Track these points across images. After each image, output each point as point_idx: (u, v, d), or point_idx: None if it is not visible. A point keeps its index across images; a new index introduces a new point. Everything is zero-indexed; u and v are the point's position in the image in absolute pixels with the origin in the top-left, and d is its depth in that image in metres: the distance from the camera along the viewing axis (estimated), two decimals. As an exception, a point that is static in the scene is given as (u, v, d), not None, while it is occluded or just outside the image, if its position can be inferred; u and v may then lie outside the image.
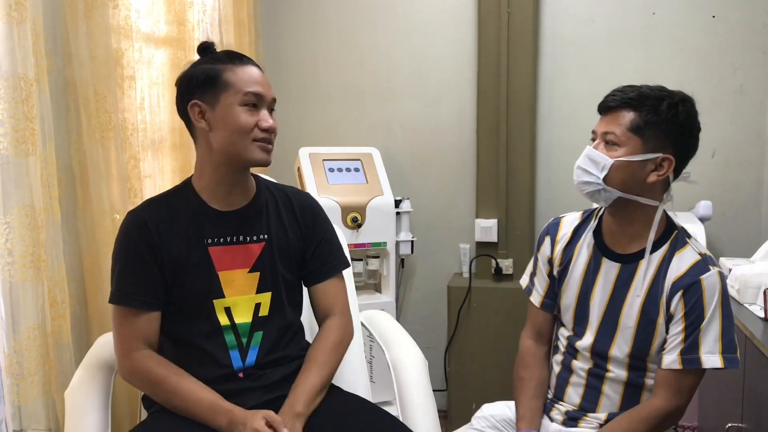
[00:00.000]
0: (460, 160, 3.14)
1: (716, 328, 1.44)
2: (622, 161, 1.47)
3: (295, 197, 1.65)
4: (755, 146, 2.88)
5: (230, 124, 1.45)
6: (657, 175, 1.48)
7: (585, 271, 1.60)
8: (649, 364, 1.53)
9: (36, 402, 1.76)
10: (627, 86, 1.51)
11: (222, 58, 1.49)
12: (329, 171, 2.87)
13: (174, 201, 1.54)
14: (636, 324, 1.51)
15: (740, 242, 2.87)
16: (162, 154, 2.35)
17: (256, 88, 1.47)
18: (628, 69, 2.93)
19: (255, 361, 1.53)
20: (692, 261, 1.48)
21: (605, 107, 1.51)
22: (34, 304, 1.73)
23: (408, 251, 3.02)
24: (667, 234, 1.54)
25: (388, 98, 3.20)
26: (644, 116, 1.46)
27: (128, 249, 1.48)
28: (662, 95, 1.47)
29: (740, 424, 1.85)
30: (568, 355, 1.63)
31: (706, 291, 1.45)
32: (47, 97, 1.75)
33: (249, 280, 1.54)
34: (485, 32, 2.98)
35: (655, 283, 1.50)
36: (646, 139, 1.46)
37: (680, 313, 1.46)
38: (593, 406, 1.58)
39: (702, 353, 1.44)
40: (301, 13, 3.23)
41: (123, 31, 2.08)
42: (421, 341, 1.87)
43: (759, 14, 2.82)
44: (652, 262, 1.52)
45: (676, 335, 1.47)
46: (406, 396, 1.64)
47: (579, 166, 1.52)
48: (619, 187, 1.48)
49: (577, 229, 1.65)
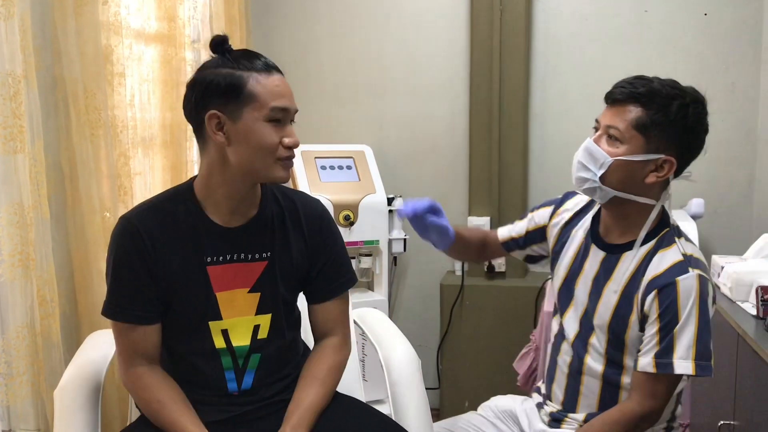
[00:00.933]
0: (452, 158, 3.14)
1: (691, 333, 1.38)
2: (622, 160, 1.42)
3: (303, 206, 1.53)
4: (747, 143, 2.88)
5: (254, 142, 1.33)
6: (656, 176, 1.43)
7: (575, 256, 1.58)
8: (626, 360, 1.49)
9: (25, 402, 1.74)
10: (637, 78, 1.44)
11: (244, 63, 1.34)
12: (321, 169, 2.86)
13: (172, 209, 1.42)
14: (610, 318, 1.48)
15: (733, 240, 2.87)
16: (152, 151, 2.34)
17: (284, 103, 1.35)
18: (621, 66, 2.92)
19: (252, 384, 1.47)
20: (673, 261, 1.43)
21: (612, 98, 1.45)
22: (23, 303, 1.72)
23: (401, 249, 3.01)
24: (658, 230, 1.50)
25: (381, 96, 3.18)
26: (652, 115, 1.40)
27: (120, 260, 1.39)
28: (674, 94, 1.41)
29: (732, 422, 1.85)
30: (555, 346, 1.62)
31: (681, 293, 1.38)
32: (36, 94, 1.73)
33: (249, 301, 1.45)
34: (478, 30, 2.97)
35: (633, 279, 1.46)
36: (650, 138, 1.41)
37: (654, 314, 1.41)
38: (573, 405, 1.57)
39: (675, 358, 1.38)
40: (293, 10, 3.22)
41: (113, 28, 2.06)
42: (414, 339, 1.86)
43: (751, 12, 2.83)
44: (635, 257, 1.47)
45: (651, 337, 1.42)
46: (398, 395, 1.64)
47: (579, 161, 1.47)
48: (616, 187, 1.45)
49: (579, 212, 1.63)
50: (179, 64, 2.41)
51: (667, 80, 1.43)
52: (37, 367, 1.76)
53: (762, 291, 1.80)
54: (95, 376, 1.57)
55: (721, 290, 2.08)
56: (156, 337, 1.43)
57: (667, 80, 1.43)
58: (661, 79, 1.44)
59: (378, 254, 2.90)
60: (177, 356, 1.46)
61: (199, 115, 1.35)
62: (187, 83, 1.39)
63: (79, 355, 1.63)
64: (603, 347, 1.50)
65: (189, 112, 1.39)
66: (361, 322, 1.90)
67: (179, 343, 1.45)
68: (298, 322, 1.59)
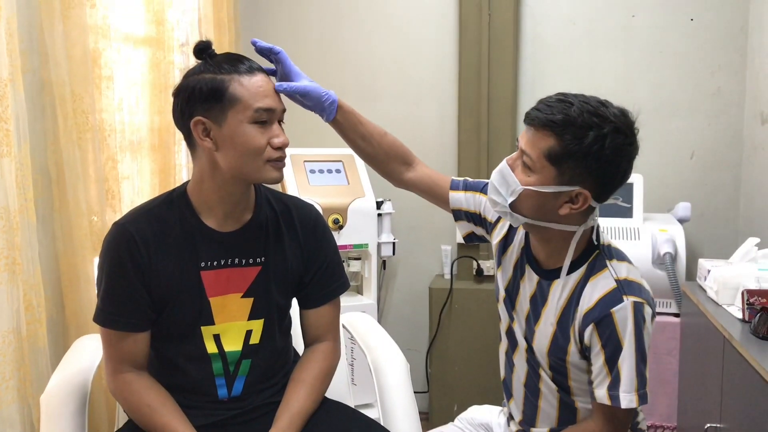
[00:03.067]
0: (441, 161, 3.14)
1: (632, 364, 1.32)
2: (532, 191, 1.33)
3: (298, 211, 1.52)
4: (733, 148, 2.90)
5: (240, 145, 1.32)
6: (570, 207, 1.33)
7: (513, 269, 1.52)
8: (571, 383, 1.43)
9: (11, 407, 1.73)
10: (559, 100, 1.32)
11: (225, 66, 1.33)
12: (310, 172, 2.85)
13: (166, 214, 1.41)
14: (548, 347, 1.43)
15: (719, 243, 2.89)
16: (141, 155, 2.33)
17: (268, 103, 1.34)
18: (608, 71, 2.95)
19: (241, 391, 1.47)
20: (605, 291, 1.35)
21: (528, 120, 1.34)
22: (9, 307, 1.70)
23: (389, 253, 3.01)
24: (587, 254, 1.41)
25: (370, 99, 3.18)
26: (565, 145, 1.28)
27: (113, 268, 1.37)
28: (591, 123, 1.28)
29: (718, 425, 1.86)
30: (508, 360, 1.56)
31: (618, 324, 1.32)
32: (22, 98, 1.72)
33: (241, 306, 1.44)
34: (466, 34, 2.99)
35: (567, 311, 1.40)
36: (563, 170, 1.30)
37: (597, 345, 1.34)
38: (532, 420, 1.52)
39: (620, 391, 1.33)
40: (282, 13, 3.22)
41: (101, 31, 2.05)
42: (403, 343, 1.86)
43: (736, 17, 2.85)
44: (566, 286, 1.40)
45: (599, 368, 1.35)
46: (387, 399, 1.63)
47: (491, 182, 1.41)
48: (528, 215, 1.37)
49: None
50: (168, 67, 2.40)
51: (592, 104, 1.30)
52: (24, 372, 1.75)
53: (748, 294, 1.81)
54: (82, 381, 1.56)
55: (707, 294, 2.09)
56: (145, 345, 1.42)
57: (591, 104, 1.30)
58: (586, 102, 1.31)
59: (367, 258, 2.90)
60: (166, 360, 1.45)
61: (186, 122, 1.35)
62: (173, 92, 1.39)
63: (66, 360, 1.62)
64: (548, 373, 1.46)
65: (177, 120, 1.39)
66: (349, 326, 1.90)
67: (170, 347, 1.44)
68: (289, 329, 1.58)
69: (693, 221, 2.78)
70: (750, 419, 1.65)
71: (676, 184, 2.94)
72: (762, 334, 1.69)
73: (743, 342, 1.68)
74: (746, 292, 1.82)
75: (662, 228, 2.59)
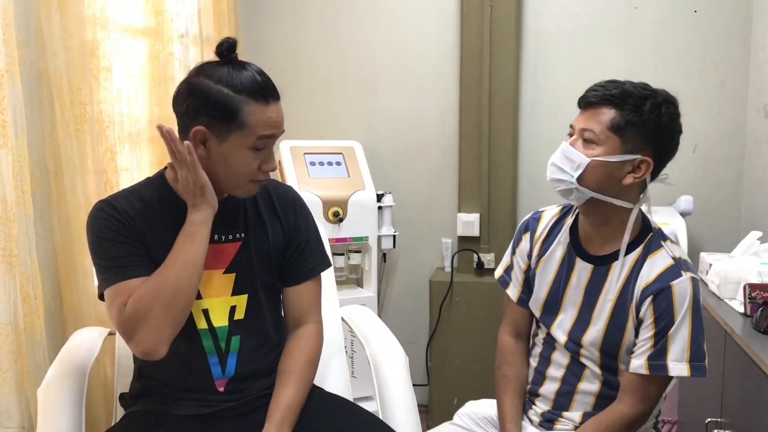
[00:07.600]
0: (442, 154, 3.13)
1: (685, 335, 1.40)
2: (599, 161, 1.42)
3: (275, 191, 1.56)
4: (736, 141, 2.89)
5: (233, 166, 1.35)
6: (634, 177, 1.43)
7: (558, 268, 1.58)
8: (621, 366, 1.50)
9: (9, 400, 1.73)
10: (610, 81, 1.45)
11: (245, 86, 1.32)
12: (311, 165, 2.84)
13: (147, 194, 1.43)
14: (605, 327, 1.49)
15: (721, 237, 2.88)
16: (140, 147, 2.32)
17: (272, 132, 1.36)
18: (611, 64, 2.93)
19: (234, 370, 1.47)
20: (664, 266, 1.44)
21: (585, 102, 1.46)
22: (6, 300, 1.70)
23: (390, 246, 3.00)
24: (642, 235, 1.50)
25: (371, 92, 3.17)
26: (626, 115, 1.40)
27: (104, 232, 1.35)
28: (646, 94, 1.41)
29: (719, 419, 1.85)
30: (545, 357, 1.61)
31: (676, 296, 1.40)
32: (19, 89, 1.71)
33: (224, 282, 1.46)
34: (468, 26, 2.96)
35: (626, 289, 1.47)
36: (625, 139, 1.41)
37: (650, 318, 1.42)
38: (567, 403, 1.56)
39: (669, 360, 1.41)
40: (282, 5, 3.20)
41: (99, 22, 2.04)
42: (403, 336, 1.85)
43: (740, 9, 2.83)
44: (624, 266, 1.48)
45: (645, 340, 1.43)
46: (386, 392, 1.63)
47: (553, 163, 1.48)
48: (593, 188, 1.44)
49: (555, 224, 1.62)
50: (167, 58, 2.39)
51: (639, 83, 1.45)
52: (21, 364, 1.74)
53: (749, 288, 1.80)
54: (80, 373, 1.55)
55: (708, 288, 2.08)
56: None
57: (638, 83, 1.45)
58: (633, 82, 1.45)
59: (367, 251, 2.90)
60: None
61: (187, 122, 1.35)
62: (183, 82, 1.37)
63: (64, 352, 1.62)
64: (597, 358, 1.51)
65: (178, 110, 1.38)
66: (349, 319, 1.89)
67: None
68: (279, 307, 1.58)
69: (695, 215, 2.77)
70: (751, 413, 1.64)
71: (679, 178, 2.91)
72: (763, 329, 1.68)
73: (745, 336, 1.67)
74: (748, 286, 1.81)
75: (664, 221, 2.57)
